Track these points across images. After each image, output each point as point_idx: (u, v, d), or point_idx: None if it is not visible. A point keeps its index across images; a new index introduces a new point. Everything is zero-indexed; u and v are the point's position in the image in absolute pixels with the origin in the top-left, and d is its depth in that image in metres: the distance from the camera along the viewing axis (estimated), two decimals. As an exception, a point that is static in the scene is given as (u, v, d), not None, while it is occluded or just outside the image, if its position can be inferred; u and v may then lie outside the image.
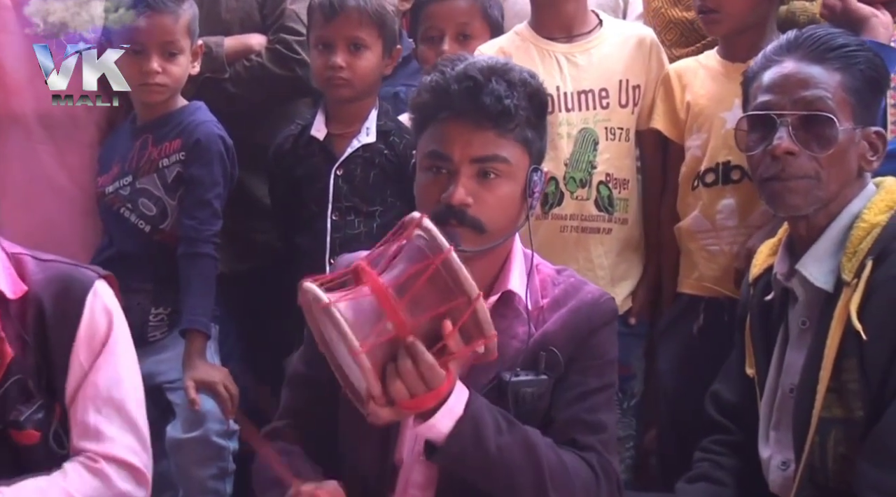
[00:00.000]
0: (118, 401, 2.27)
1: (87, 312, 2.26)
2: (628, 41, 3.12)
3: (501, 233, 2.19)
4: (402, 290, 1.92)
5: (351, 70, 3.03)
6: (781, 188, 2.24)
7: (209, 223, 2.94)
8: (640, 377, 3.14)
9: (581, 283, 2.32)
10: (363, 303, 1.92)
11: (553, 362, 2.19)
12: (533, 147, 2.21)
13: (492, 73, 2.16)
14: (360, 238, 2.97)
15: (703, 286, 2.93)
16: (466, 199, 2.14)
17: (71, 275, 2.29)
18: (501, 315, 2.22)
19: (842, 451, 2.17)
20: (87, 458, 2.22)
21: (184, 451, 2.91)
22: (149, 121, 3.03)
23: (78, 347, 2.24)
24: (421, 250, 1.96)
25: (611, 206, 3.06)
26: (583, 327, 2.24)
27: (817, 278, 2.23)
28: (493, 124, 2.14)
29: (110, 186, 3.02)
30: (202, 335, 2.89)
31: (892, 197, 2.23)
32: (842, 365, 2.15)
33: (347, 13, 3.02)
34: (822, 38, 2.26)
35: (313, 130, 3.11)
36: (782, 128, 2.23)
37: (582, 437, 2.20)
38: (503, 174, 2.16)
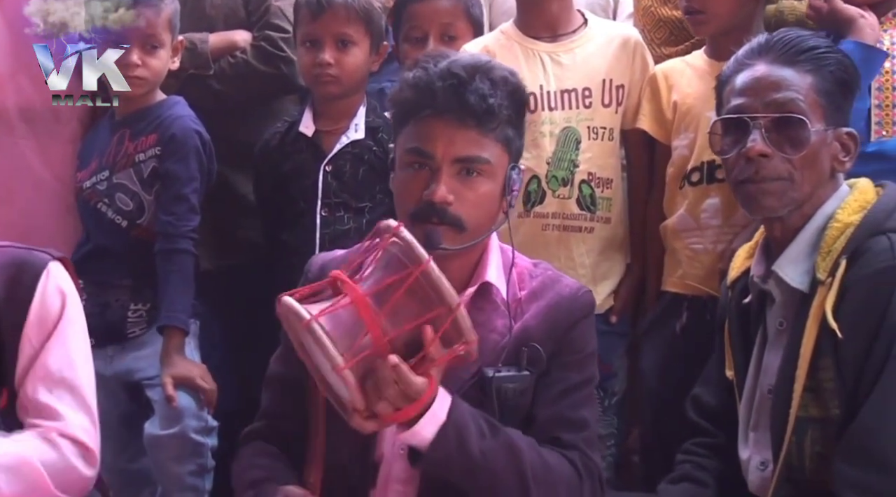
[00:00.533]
0: (70, 381, 2.24)
1: (38, 294, 2.24)
2: (613, 41, 3.14)
3: (480, 230, 2.21)
4: (380, 300, 1.93)
5: (339, 67, 3.04)
6: (756, 190, 2.27)
7: (186, 218, 2.94)
8: (621, 376, 3.16)
9: (558, 275, 2.34)
10: (343, 314, 1.94)
11: (535, 358, 2.20)
12: (513, 145, 2.23)
13: (476, 71, 2.17)
14: (350, 234, 2.99)
15: (686, 285, 2.96)
16: (448, 197, 2.15)
17: (23, 258, 2.28)
18: (479, 308, 2.24)
19: (819, 450, 2.21)
20: (41, 431, 2.20)
21: (162, 448, 2.91)
22: (126, 115, 3.03)
23: (28, 329, 2.23)
24: (398, 259, 1.97)
25: (593, 205, 3.07)
26: (562, 321, 2.26)
27: (793, 279, 2.26)
28: (477, 123, 2.16)
29: (88, 181, 3.03)
30: (180, 332, 2.90)
31: (864, 197, 2.26)
32: (818, 364, 2.18)
33: (335, 10, 3.03)
34: (793, 41, 2.30)
35: (302, 127, 3.13)
36: (755, 130, 2.26)
37: (565, 435, 2.21)
38: (484, 173, 2.18)
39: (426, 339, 1.95)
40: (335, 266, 2.30)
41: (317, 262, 2.42)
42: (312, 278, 2.35)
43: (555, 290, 2.29)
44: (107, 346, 2.90)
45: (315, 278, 2.33)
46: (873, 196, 2.27)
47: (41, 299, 2.24)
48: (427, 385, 1.97)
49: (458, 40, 3.22)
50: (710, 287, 2.86)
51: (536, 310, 2.27)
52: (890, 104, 2.76)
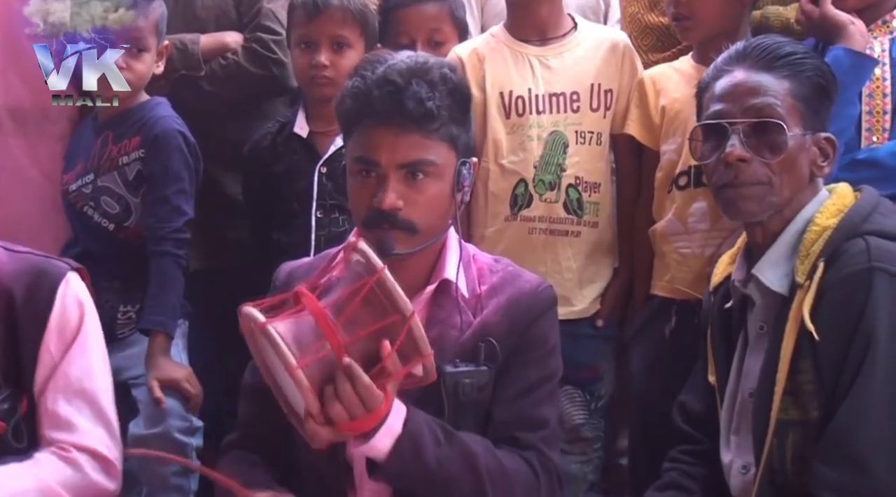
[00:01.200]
0: (89, 392, 2.27)
1: (58, 304, 2.26)
2: (602, 45, 3.17)
3: (434, 231, 2.23)
4: (338, 310, 1.96)
5: (334, 69, 3.06)
6: (735, 195, 2.31)
7: (168, 220, 2.94)
8: (608, 379, 3.19)
9: (518, 271, 2.36)
10: (302, 323, 1.97)
11: (492, 353, 2.22)
12: (459, 142, 2.24)
13: (412, 75, 2.18)
14: (345, 236, 2.89)
15: (674, 289, 2.98)
16: (397, 203, 2.17)
17: (43, 267, 2.30)
18: (439, 305, 2.27)
19: (799, 452, 2.23)
20: (59, 448, 2.22)
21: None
22: (109, 117, 3.03)
23: (48, 339, 2.24)
24: (358, 273, 2.00)
25: (580, 209, 3.10)
26: (522, 317, 2.27)
27: (773, 282, 2.29)
28: (417, 127, 2.17)
29: (73, 185, 3.03)
30: (161, 335, 2.90)
31: (843, 201, 2.30)
32: (797, 366, 2.21)
33: (331, 11, 3.06)
34: (770, 47, 2.34)
35: (296, 128, 3.14)
36: (734, 135, 2.30)
37: (522, 435, 2.24)
38: (431, 175, 2.20)
39: (383, 352, 1.97)
40: (302, 274, 2.36)
41: (284, 270, 2.46)
42: (280, 286, 2.40)
43: (515, 286, 2.31)
44: (97, 347, 2.90)
45: (282, 286, 2.38)
46: (851, 200, 2.31)
47: (61, 309, 2.26)
48: (383, 398, 1.99)
49: (444, 45, 3.25)
50: (698, 291, 2.87)
51: (496, 305, 2.28)
52: (880, 111, 2.79)
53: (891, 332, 2.13)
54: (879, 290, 2.13)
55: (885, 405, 2.12)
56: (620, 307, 3.21)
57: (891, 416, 2.12)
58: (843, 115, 2.59)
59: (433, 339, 2.19)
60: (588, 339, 3.12)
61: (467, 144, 2.28)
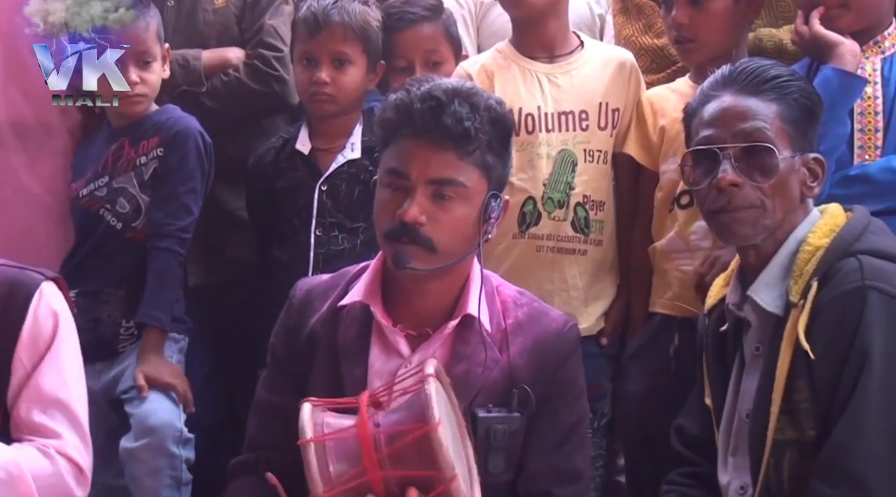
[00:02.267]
0: (63, 401, 2.28)
1: (30, 315, 2.27)
2: (609, 64, 3.18)
3: (453, 254, 2.24)
4: (391, 439, 2.01)
5: (335, 85, 3.08)
6: (729, 220, 2.33)
7: (175, 217, 2.96)
8: (610, 397, 3.19)
9: (545, 308, 2.39)
10: (349, 442, 2.03)
11: (525, 400, 2.23)
12: (493, 173, 2.26)
13: (455, 94, 2.22)
14: (344, 254, 3.02)
15: (676, 306, 3.00)
16: (420, 218, 2.20)
17: (16, 278, 2.31)
18: (464, 341, 2.29)
19: (796, 472, 2.25)
20: (42, 445, 2.24)
21: (136, 461, 2.87)
22: (124, 125, 3.05)
23: (20, 350, 2.26)
24: (421, 407, 2.03)
25: (587, 228, 3.11)
26: (550, 360, 2.31)
27: (768, 303, 2.32)
28: (453, 145, 2.20)
29: (85, 189, 3.04)
30: (156, 330, 2.91)
31: (834, 221, 2.33)
32: (793, 386, 2.23)
33: (332, 28, 3.07)
34: (756, 71, 2.37)
35: (298, 144, 3.16)
36: (725, 161, 2.32)
37: (559, 490, 2.28)
38: (459, 197, 2.22)
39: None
40: (321, 292, 2.39)
41: (303, 286, 2.47)
42: (298, 303, 2.42)
43: (542, 326, 2.34)
44: (96, 361, 2.89)
45: (301, 303, 2.41)
46: (843, 219, 2.34)
47: (34, 320, 2.28)
48: None
49: (443, 64, 3.26)
50: (700, 308, 2.88)
51: (523, 345, 2.31)
52: (872, 129, 2.81)
53: (885, 350, 2.15)
54: (873, 309, 2.16)
55: (880, 423, 2.14)
56: (623, 325, 3.21)
57: (887, 433, 2.15)
58: (833, 134, 2.61)
59: (458, 376, 2.25)
60: (592, 358, 3.09)
61: (501, 178, 2.31)
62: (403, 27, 3.27)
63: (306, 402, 2.09)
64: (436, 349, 2.32)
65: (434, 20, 3.30)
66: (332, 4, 3.07)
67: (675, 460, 2.56)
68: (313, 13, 3.08)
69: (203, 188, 3.05)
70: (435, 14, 3.31)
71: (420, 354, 2.31)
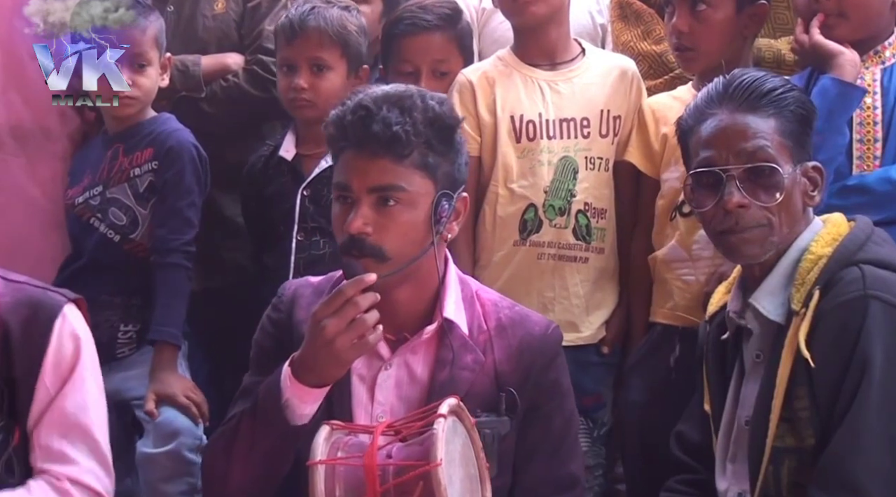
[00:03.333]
0: (84, 426, 2.28)
1: (54, 338, 2.26)
2: (611, 72, 3.20)
3: (405, 258, 2.25)
4: (399, 472, 2.03)
5: (314, 91, 3.09)
6: (737, 241, 2.34)
7: (180, 232, 2.98)
8: (610, 406, 3.20)
9: (526, 311, 2.42)
10: (356, 472, 2.06)
11: (512, 404, 2.25)
12: (437, 172, 2.27)
13: (385, 100, 2.24)
14: (325, 259, 3.02)
15: (677, 316, 3.00)
16: (364, 229, 2.21)
17: (39, 299, 2.30)
18: (446, 346, 2.31)
19: (795, 479, 2.27)
20: (52, 477, 2.23)
21: (153, 467, 2.90)
22: (119, 131, 3.07)
23: (44, 374, 2.24)
24: (431, 442, 2.04)
25: (588, 235, 3.12)
26: (536, 362, 2.34)
27: (770, 311, 2.33)
28: (386, 151, 2.22)
29: (80, 197, 3.05)
30: (169, 347, 2.93)
31: (837, 230, 2.34)
32: (793, 394, 2.24)
33: (308, 34, 3.09)
34: (752, 86, 2.36)
35: (282, 151, 3.17)
36: (730, 182, 2.32)
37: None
38: (402, 201, 2.24)
39: None
40: (308, 293, 2.42)
41: (291, 285, 2.50)
42: (286, 300, 2.45)
43: (525, 329, 2.36)
44: (94, 366, 2.91)
45: (289, 300, 2.44)
46: (846, 229, 2.35)
47: (57, 344, 2.27)
48: None
49: (450, 75, 3.24)
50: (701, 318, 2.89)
51: (507, 350, 2.34)
52: (871, 139, 2.82)
53: (886, 360, 2.16)
54: (874, 318, 2.17)
55: (880, 432, 2.15)
56: (624, 334, 3.22)
57: (886, 443, 2.16)
58: (831, 144, 2.63)
59: (443, 382, 2.28)
60: (594, 367, 3.14)
61: (451, 176, 2.31)
62: (414, 32, 3.26)
63: (326, 424, 2.12)
64: (419, 354, 2.35)
65: (447, 30, 3.28)
66: (309, 11, 3.10)
67: (675, 467, 2.57)
68: (290, 20, 3.11)
69: (201, 201, 3.07)
70: (449, 24, 3.29)
71: (399, 358, 2.34)
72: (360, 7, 3.36)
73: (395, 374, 2.34)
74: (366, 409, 2.34)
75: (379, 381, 2.33)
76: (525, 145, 3.12)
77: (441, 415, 2.06)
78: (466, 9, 3.56)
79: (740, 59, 3.00)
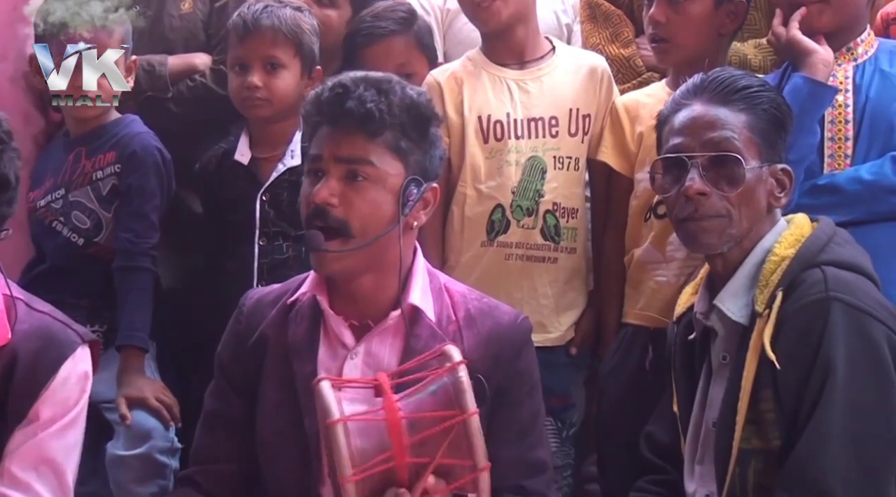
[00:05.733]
0: (59, 466, 2.29)
1: (60, 375, 2.28)
2: (580, 70, 3.22)
3: (367, 236, 2.28)
4: (415, 427, 2.04)
5: (268, 89, 3.09)
6: (696, 228, 2.39)
7: (146, 236, 2.99)
8: (579, 406, 3.23)
9: (494, 303, 2.45)
10: (372, 427, 2.05)
11: (482, 392, 2.24)
12: (410, 158, 2.31)
13: (363, 81, 2.30)
14: (289, 262, 3.05)
15: (648, 316, 3.02)
16: (330, 199, 2.25)
17: (55, 335, 2.32)
18: (415, 336, 2.34)
19: (761, 481, 2.31)
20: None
21: (125, 469, 2.91)
22: (81, 134, 3.08)
23: (40, 406, 2.26)
24: (448, 394, 2.06)
25: (557, 236, 3.15)
26: (505, 351, 2.36)
27: (734, 313, 2.37)
28: (360, 127, 2.27)
29: (42, 200, 3.07)
30: (137, 351, 2.94)
31: (800, 231, 2.38)
32: (759, 395, 2.29)
33: (262, 32, 3.09)
34: (727, 81, 2.43)
35: (237, 155, 3.17)
36: (693, 169, 2.38)
37: (529, 483, 2.33)
38: (371, 178, 2.28)
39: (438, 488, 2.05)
40: (271, 300, 2.45)
41: (253, 296, 2.52)
42: (247, 311, 2.47)
43: (493, 319, 2.39)
44: (62, 368, 2.90)
45: (250, 311, 2.46)
46: (809, 230, 2.39)
47: (62, 383, 2.29)
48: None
49: (415, 75, 3.27)
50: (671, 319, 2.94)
51: (476, 339, 2.36)
52: (842, 137, 2.85)
53: (848, 361, 2.20)
54: (836, 320, 2.21)
55: (844, 434, 2.19)
56: (594, 334, 3.24)
57: (850, 445, 2.19)
58: (802, 143, 2.65)
59: (413, 372, 2.26)
60: (562, 368, 3.16)
61: (423, 166, 2.35)
62: (373, 41, 3.31)
63: (324, 379, 2.10)
64: (386, 344, 2.37)
65: (404, 33, 3.33)
66: (263, 9, 3.10)
67: (644, 467, 2.61)
68: (243, 19, 3.11)
69: (165, 204, 3.09)
70: (405, 27, 3.34)
71: (365, 345, 2.36)
72: (327, 12, 3.41)
73: (362, 363, 2.36)
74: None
75: (346, 371, 2.35)
76: (493, 145, 3.14)
77: (460, 362, 2.08)
78: (431, 10, 3.62)
79: (717, 57, 3.02)
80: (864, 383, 2.21)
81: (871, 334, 2.23)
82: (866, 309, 2.24)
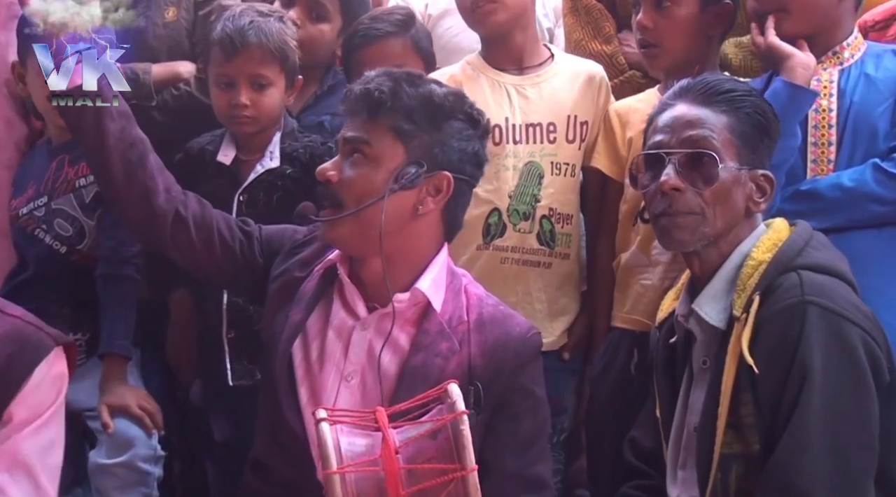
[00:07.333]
0: (31, 468, 2.30)
1: (34, 379, 2.29)
2: (579, 77, 3.23)
3: (352, 208, 2.37)
4: (413, 476, 2.05)
5: (255, 108, 3.08)
6: (669, 224, 2.41)
7: (129, 243, 2.98)
8: (570, 412, 3.23)
9: (510, 312, 2.48)
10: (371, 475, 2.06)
11: (478, 399, 2.28)
12: (412, 141, 2.38)
13: (385, 72, 2.43)
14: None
15: (633, 320, 3.04)
16: (329, 175, 2.40)
17: (28, 338, 2.33)
18: (424, 331, 2.38)
19: (743, 486, 2.31)
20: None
21: (108, 477, 2.92)
22: (64, 141, 3.07)
23: (14, 408, 2.27)
24: (449, 444, 2.08)
25: (552, 241, 3.16)
26: (509, 362, 2.38)
27: (712, 317, 2.38)
28: (364, 107, 2.38)
29: (24, 208, 3.08)
30: (120, 359, 2.95)
31: (778, 235, 2.40)
32: (739, 400, 2.30)
33: (250, 51, 3.06)
34: (711, 83, 2.46)
35: (220, 155, 3.16)
36: (669, 165, 2.41)
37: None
38: (365, 156, 2.38)
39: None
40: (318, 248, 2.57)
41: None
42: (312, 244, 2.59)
43: (504, 328, 2.41)
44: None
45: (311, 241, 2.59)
46: (786, 234, 2.40)
47: (36, 385, 2.30)
48: None
49: None
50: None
51: (483, 344, 2.38)
52: (826, 142, 2.85)
53: (825, 365, 2.21)
54: (813, 324, 2.22)
55: (823, 438, 2.20)
56: (587, 340, 3.25)
57: (829, 448, 2.20)
58: (782, 146, 2.64)
59: (417, 367, 2.34)
60: (555, 373, 3.11)
61: (430, 151, 2.40)
62: (370, 43, 3.32)
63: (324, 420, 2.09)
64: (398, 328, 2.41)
65: (401, 35, 3.34)
66: (248, 25, 3.06)
67: (628, 473, 2.62)
68: (229, 35, 3.06)
69: None
70: (402, 29, 3.35)
71: (375, 322, 2.41)
72: (321, 26, 3.43)
73: (371, 337, 2.41)
74: (337, 365, 2.42)
75: (354, 339, 2.42)
76: (491, 150, 3.07)
77: (463, 412, 2.08)
78: (413, 14, 3.62)
79: (707, 60, 3.03)
80: (841, 386, 2.22)
81: (847, 337, 2.23)
82: (842, 312, 2.25)
